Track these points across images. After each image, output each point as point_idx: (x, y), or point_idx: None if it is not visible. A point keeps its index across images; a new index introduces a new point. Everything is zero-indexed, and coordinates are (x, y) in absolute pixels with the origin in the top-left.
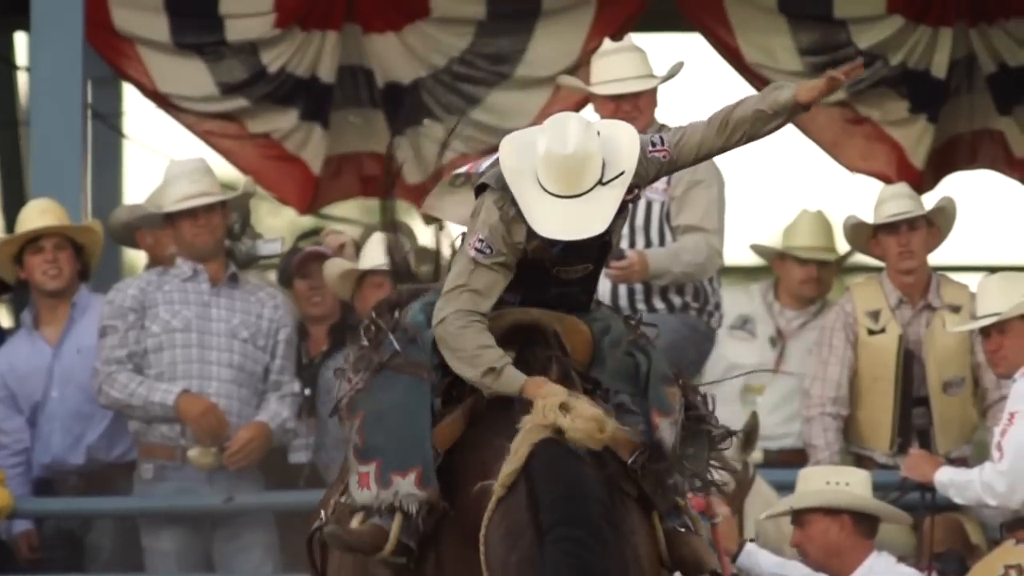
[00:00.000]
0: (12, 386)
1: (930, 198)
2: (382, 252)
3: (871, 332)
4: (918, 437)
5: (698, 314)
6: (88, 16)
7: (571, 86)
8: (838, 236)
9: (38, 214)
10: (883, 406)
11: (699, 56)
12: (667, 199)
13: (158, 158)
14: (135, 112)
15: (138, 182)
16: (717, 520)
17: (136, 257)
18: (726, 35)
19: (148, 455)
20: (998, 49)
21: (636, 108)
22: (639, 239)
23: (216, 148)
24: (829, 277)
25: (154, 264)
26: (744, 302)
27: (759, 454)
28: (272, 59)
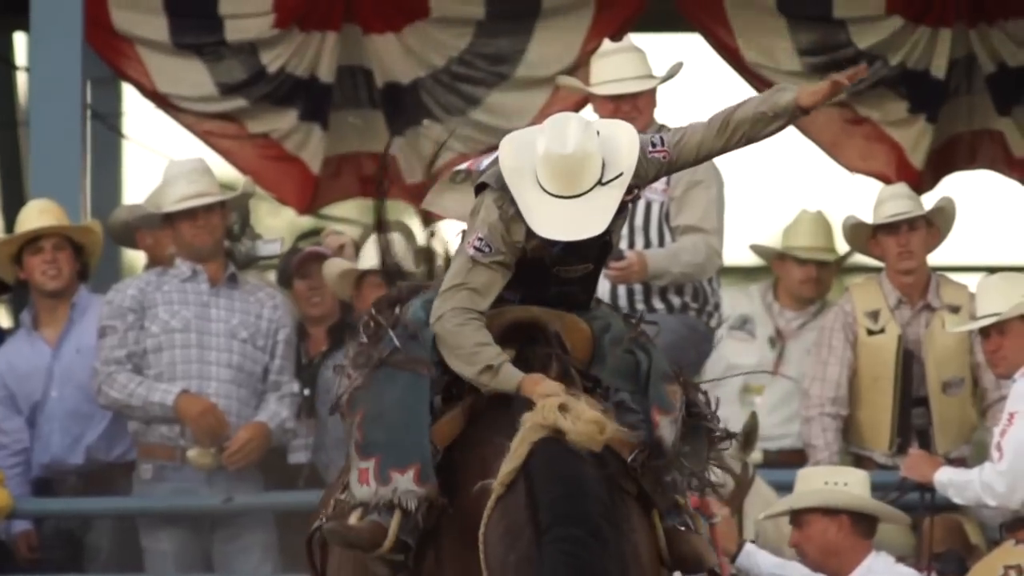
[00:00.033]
0: (11, 386)
1: (929, 198)
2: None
3: (870, 332)
4: (917, 437)
5: (697, 314)
6: (87, 16)
7: (570, 86)
8: (837, 236)
9: (37, 214)
10: (882, 406)
11: (698, 56)
12: (666, 199)
13: (157, 158)
14: (134, 112)
15: (137, 182)
16: (716, 520)
17: (135, 257)
18: (725, 35)
19: (147, 455)
20: (997, 49)
21: (635, 108)
22: (638, 239)
23: (215, 148)
24: (828, 277)
25: (153, 264)
26: (743, 302)
27: (758, 454)
28: (271, 59)
